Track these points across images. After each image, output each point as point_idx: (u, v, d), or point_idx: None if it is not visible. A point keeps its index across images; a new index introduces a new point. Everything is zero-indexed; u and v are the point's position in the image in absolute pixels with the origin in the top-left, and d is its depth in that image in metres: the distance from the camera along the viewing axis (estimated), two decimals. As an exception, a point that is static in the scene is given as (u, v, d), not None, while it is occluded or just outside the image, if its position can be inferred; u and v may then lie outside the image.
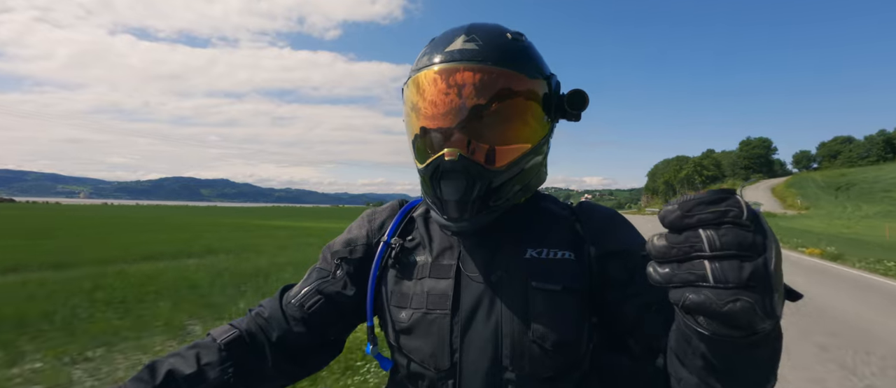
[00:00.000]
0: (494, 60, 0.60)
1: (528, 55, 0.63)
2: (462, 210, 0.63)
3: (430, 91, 0.61)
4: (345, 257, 0.73)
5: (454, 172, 0.60)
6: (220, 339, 0.66)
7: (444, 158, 0.60)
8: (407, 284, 0.67)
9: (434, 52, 0.62)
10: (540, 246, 0.65)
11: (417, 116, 0.63)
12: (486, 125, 0.60)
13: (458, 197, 0.62)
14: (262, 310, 0.72)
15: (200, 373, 0.62)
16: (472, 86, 0.59)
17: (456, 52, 0.61)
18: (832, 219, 36.37)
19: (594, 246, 0.65)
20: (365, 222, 0.76)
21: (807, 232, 20.98)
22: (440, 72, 0.60)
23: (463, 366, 0.61)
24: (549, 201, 0.73)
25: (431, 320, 0.63)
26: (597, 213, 0.69)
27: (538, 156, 0.66)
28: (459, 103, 0.59)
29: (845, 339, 4.43)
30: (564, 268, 0.63)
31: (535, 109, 0.63)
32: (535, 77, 0.62)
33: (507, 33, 0.64)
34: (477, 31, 0.63)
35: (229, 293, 5.76)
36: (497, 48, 0.61)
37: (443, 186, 0.62)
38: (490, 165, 0.61)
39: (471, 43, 0.61)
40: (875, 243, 16.23)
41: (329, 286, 0.71)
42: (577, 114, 0.66)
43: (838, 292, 6.97)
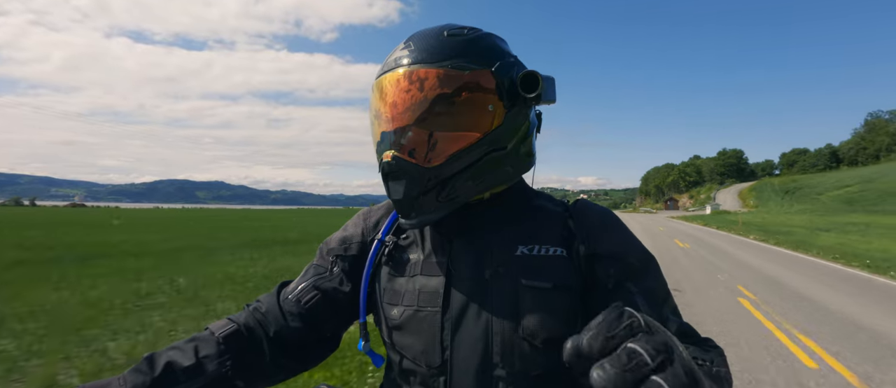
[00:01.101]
0: (421, 61, 0.61)
1: (463, 49, 0.62)
2: (408, 208, 0.64)
3: (372, 99, 0.65)
4: (340, 254, 0.74)
5: (393, 173, 0.62)
6: (218, 333, 0.66)
7: (383, 160, 0.63)
8: (400, 281, 0.68)
9: (383, 65, 0.65)
10: (531, 243, 0.66)
11: (371, 126, 0.67)
12: (420, 124, 0.61)
13: (400, 196, 0.63)
14: (260, 305, 0.72)
15: (199, 366, 0.62)
16: (400, 89, 0.61)
17: (392, 60, 0.63)
18: (771, 214, 50.99)
19: (584, 245, 0.65)
20: (360, 220, 0.78)
21: (746, 223, 34.30)
22: (379, 82, 0.64)
23: (454, 363, 0.62)
24: (544, 198, 0.74)
25: (422, 318, 0.64)
26: (591, 211, 0.70)
27: (494, 147, 0.64)
28: (394, 108, 0.62)
29: (732, 265, 10.07)
30: (556, 265, 0.64)
31: (475, 100, 0.62)
32: (469, 69, 0.61)
33: (445, 32, 0.64)
34: (414, 37, 0.64)
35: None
36: (427, 49, 0.62)
37: (389, 187, 0.64)
38: (427, 163, 0.61)
39: (405, 49, 0.63)
40: (776, 227, 29.81)
41: (325, 283, 0.72)
42: (531, 97, 0.63)
43: (741, 250, 13.67)
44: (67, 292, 6.33)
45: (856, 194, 62.03)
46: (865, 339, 4.55)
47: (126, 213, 53.86)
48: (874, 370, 3.69)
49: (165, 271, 8.23)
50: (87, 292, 6.33)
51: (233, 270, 8.57)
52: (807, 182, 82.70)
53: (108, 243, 13.94)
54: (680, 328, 0.60)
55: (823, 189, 71.90)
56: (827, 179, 79.89)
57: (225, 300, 5.93)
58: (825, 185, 74.97)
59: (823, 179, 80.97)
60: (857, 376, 3.58)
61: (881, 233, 20.25)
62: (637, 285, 0.62)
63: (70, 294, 6.22)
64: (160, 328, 4.66)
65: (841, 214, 45.34)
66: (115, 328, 4.57)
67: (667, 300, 0.63)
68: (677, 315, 0.62)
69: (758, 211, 61.41)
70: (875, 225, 25.38)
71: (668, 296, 0.64)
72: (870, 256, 11.71)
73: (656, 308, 0.61)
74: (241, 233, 19.31)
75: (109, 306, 5.47)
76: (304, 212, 66.58)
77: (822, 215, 44.63)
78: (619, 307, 0.36)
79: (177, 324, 4.80)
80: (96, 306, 5.46)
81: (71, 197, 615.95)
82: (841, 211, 51.11)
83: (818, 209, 56.13)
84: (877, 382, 3.48)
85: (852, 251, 12.89)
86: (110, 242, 14.25)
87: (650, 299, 0.61)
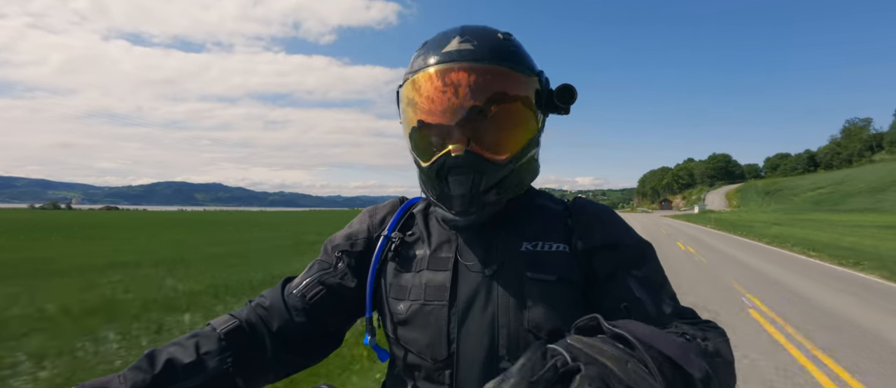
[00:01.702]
0: (490, 59, 0.62)
1: (519, 53, 0.65)
2: (470, 204, 0.64)
3: (429, 91, 0.62)
4: (346, 250, 0.74)
5: (461, 167, 0.62)
6: (219, 329, 0.66)
7: (451, 154, 0.61)
8: (406, 276, 0.69)
9: (430, 54, 0.64)
10: (535, 240, 0.67)
11: (416, 115, 0.65)
12: (484, 121, 0.62)
13: (465, 191, 0.63)
14: (263, 300, 0.73)
15: (199, 362, 0.62)
16: (470, 84, 0.61)
17: (454, 52, 0.62)
18: (748, 213, 59.02)
19: (581, 240, 0.67)
20: (366, 217, 0.79)
21: (718, 220, 40.63)
22: (438, 72, 0.62)
23: (460, 356, 0.62)
24: (545, 197, 0.76)
25: (429, 312, 0.65)
26: (588, 208, 0.72)
27: (533, 149, 0.68)
28: (458, 102, 0.61)
29: (686, 238, 18.77)
30: (559, 260, 0.65)
31: (529, 105, 0.65)
32: (527, 74, 0.64)
33: (498, 34, 0.66)
34: (470, 32, 0.65)
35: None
36: (491, 48, 0.63)
37: (450, 182, 0.63)
38: (493, 158, 0.62)
39: (466, 44, 0.63)
40: (743, 222, 35.88)
41: (330, 278, 0.73)
42: (566, 108, 0.68)
43: (700, 233, 22.47)
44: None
45: (824, 195, 70.59)
46: (766, 280, 7.64)
47: (147, 216, 53.49)
48: (766, 293, 6.49)
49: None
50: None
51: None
52: (786, 184, 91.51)
53: (234, 241, 15.87)
54: (676, 311, 0.62)
55: (799, 191, 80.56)
56: (804, 182, 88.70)
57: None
58: (801, 187, 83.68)
59: (801, 182, 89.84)
60: (758, 297, 6.05)
61: (826, 226, 25.49)
62: (632, 273, 0.64)
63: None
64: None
65: (807, 212, 53.54)
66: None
67: (664, 286, 0.65)
68: (674, 300, 0.64)
69: (739, 210, 69.89)
70: (827, 221, 32.61)
71: (665, 282, 0.66)
72: (798, 240, 15.79)
73: (652, 294, 0.62)
74: (299, 233, 21.00)
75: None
76: (344, 213, 68.82)
77: (790, 213, 52.83)
78: (542, 346, 0.35)
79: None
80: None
81: (68, 199, 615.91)
82: (808, 210, 59.49)
83: (790, 209, 64.57)
84: (770, 301, 5.78)
85: (790, 238, 16.98)
86: (234, 240, 16.25)
87: (646, 285, 0.63)
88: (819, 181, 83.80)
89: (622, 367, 0.37)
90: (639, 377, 0.37)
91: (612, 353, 0.39)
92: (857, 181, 71.21)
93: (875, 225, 26.16)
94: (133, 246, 14.95)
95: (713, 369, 0.46)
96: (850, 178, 77.45)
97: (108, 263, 10.08)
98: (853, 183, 70.93)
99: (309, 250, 12.05)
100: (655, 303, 0.61)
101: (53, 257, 11.46)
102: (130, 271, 8.83)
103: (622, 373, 0.36)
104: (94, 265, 9.66)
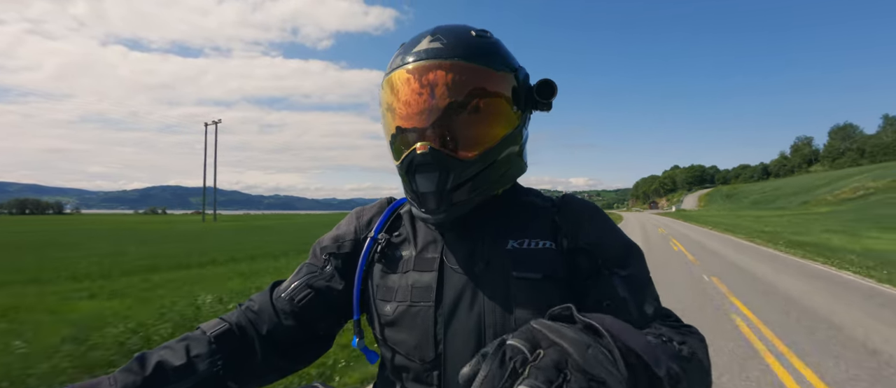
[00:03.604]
0: (458, 56, 0.62)
1: (492, 50, 0.65)
2: (438, 202, 0.64)
3: (401, 90, 0.63)
4: (333, 252, 0.74)
5: (427, 165, 0.62)
6: (209, 332, 0.66)
7: (417, 152, 0.62)
8: (392, 278, 0.69)
9: (403, 55, 0.65)
10: (521, 238, 0.67)
11: (392, 116, 0.65)
12: (456, 118, 0.62)
13: (433, 189, 0.63)
14: (252, 304, 0.72)
15: (190, 365, 0.62)
16: (438, 81, 0.61)
17: (422, 51, 0.63)
18: (709, 211, 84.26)
19: (567, 238, 0.67)
20: (353, 218, 0.78)
21: (682, 215, 65.84)
22: (409, 71, 0.62)
23: (447, 357, 0.62)
24: (533, 194, 0.75)
25: (415, 313, 0.65)
26: (575, 205, 0.72)
27: (512, 146, 0.67)
28: (429, 100, 0.61)
29: (654, 222, 37.52)
30: (545, 257, 0.65)
31: (503, 101, 0.64)
32: (501, 70, 0.64)
33: (472, 31, 0.66)
34: (442, 31, 0.65)
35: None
36: (461, 45, 0.63)
37: (418, 180, 0.64)
38: (461, 156, 0.62)
39: (436, 42, 0.63)
40: (698, 216, 63.01)
41: (318, 281, 0.72)
42: (546, 103, 0.68)
43: (665, 220, 45.94)
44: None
45: (763, 197, 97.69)
46: (690, 241, 16.48)
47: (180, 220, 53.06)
48: (689, 245, 14.56)
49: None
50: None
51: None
52: (742, 189, 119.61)
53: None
54: (657, 312, 0.62)
55: (748, 194, 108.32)
56: (754, 188, 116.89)
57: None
58: (751, 191, 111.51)
59: (752, 187, 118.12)
60: (688, 251, 12.48)
61: (747, 217, 39.86)
62: (617, 272, 0.64)
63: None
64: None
65: (746, 209, 79.90)
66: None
67: (647, 287, 0.65)
68: (657, 302, 0.64)
69: (702, 209, 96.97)
70: (751, 215, 49.69)
71: (649, 283, 0.66)
72: (724, 225, 26.69)
73: (635, 295, 0.63)
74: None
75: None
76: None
77: (735, 210, 78.86)
78: (502, 344, 0.37)
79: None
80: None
81: (64, 205, 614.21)
82: (748, 208, 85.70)
83: (736, 207, 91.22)
84: (688, 247, 13.67)
85: (719, 223, 28.90)
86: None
87: (630, 285, 0.63)
88: (765, 187, 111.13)
89: (582, 351, 0.38)
90: (597, 362, 0.37)
91: (573, 337, 0.39)
92: (788, 187, 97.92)
93: (774, 216, 45.33)
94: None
95: (685, 371, 0.45)
96: (786, 184, 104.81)
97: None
98: (785, 189, 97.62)
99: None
100: (638, 303, 0.62)
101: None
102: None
103: (580, 357, 0.37)
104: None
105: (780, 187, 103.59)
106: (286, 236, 21.16)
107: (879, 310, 5.61)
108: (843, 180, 78.10)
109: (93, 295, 6.34)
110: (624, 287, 0.63)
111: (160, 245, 16.63)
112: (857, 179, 73.16)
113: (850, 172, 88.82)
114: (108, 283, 7.55)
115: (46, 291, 6.76)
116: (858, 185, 67.48)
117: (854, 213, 38.52)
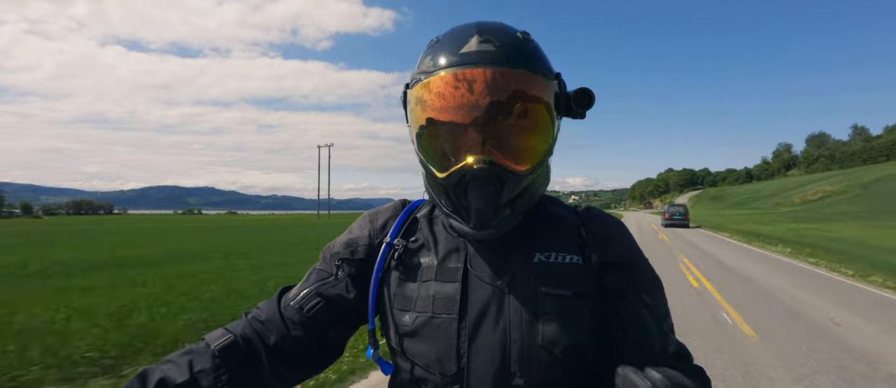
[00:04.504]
0: (513, 62, 0.58)
1: (539, 55, 0.62)
2: (489, 216, 0.61)
3: (446, 92, 0.58)
4: (346, 258, 0.72)
5: (483, 179, 0.59)
6: (214, 345, 0.64)
7: (473, 166, 0.58)
8: (411, 286, 0.66)
9: (446, 54, 0.60)
10: (548, 250, 0.65)
11: (436, 119, 0.60)
12: (505, 128, 0.59)
13: (486, 204, 0.60)
14: (259, 313, 0.71)
15: (193, 381, 0.60)
16: (494, 87, 0.57)
17: (473, 53, 0.58)
18: (696, 210, 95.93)
19: (596, 254, 0.65)
20: (367, 222, 0.76)
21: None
22: (457, 74, 0.58)
23: (470, 372, 0.60)
24: (557, 204, 0.74)
25: (438, 325, 0.62)
26: (603, 220, 0.70)
27: (550, 156, 0.66)
28: (482, 106, 0.57)
29: (657, 223, 35.57)
30: (574, 273, 0.64)
31: (549, 110, 0.62)
32: (547, 77, 0.62)
33: (517, 33, 0.63)
34: (489, 31, 0.61)
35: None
36: (514, 48, 0.60)
37: (470, 194, 0.60)
38: (515, 168, 0.60)
39: (487, 44, 0.59)
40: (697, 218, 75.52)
41: (329, 288, 0.70)
42: (583, 112, 0.65)
43: (654, 217, 65.17)
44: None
45: (743, 199, 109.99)
46: (673, 234, 22.03)
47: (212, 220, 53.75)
48: (671, 235, 19.83)
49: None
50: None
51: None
52: (727, 192, 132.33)
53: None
54: (678, 351, 0.62)
55: (732, 196, 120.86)
56: (738, 190, 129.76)
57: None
58: (735, 193, 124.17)
59: (736, 190, 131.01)
60: (667, 238, 18.41)
61: (726, 216, 43.22)
62: (643, 299, 0.64)
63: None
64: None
65: (729, 209, 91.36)
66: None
67: (666, 319, 0.65)
68: (673, 333, 0.64)
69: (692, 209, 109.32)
70: (730, 214, 52.84)
71: (667, 315, 0.66)
72: (704, 221, 33.44)
73: (658, 324, 0.62)
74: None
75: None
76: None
77: (718, 209, 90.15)
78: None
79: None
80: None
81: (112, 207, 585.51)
82: (730, 208, 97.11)
83: (720, 207, 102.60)
84: (671, 238, 18.93)
85: (702, 222, 32.50)
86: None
87: (653, 314, 0.63)
88: (747, 190, 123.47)
89: None
90: None
91: None
92: (766, 190, 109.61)
93: (745, 214, 57.34)
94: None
95: None
96: (764, 187, 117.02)
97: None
98: (763, 191, 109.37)
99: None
100: (661, 340, 0.62)
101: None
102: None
103: None
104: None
105: (759, 190, 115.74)
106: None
107: (762, 261, 11.24)
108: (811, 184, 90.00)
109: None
110: (650, 318, 0.63)
111: (322, 230, 21.75)
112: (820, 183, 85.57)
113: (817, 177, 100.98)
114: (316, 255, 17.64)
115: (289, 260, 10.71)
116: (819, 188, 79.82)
117: (809, 212, 47.93)
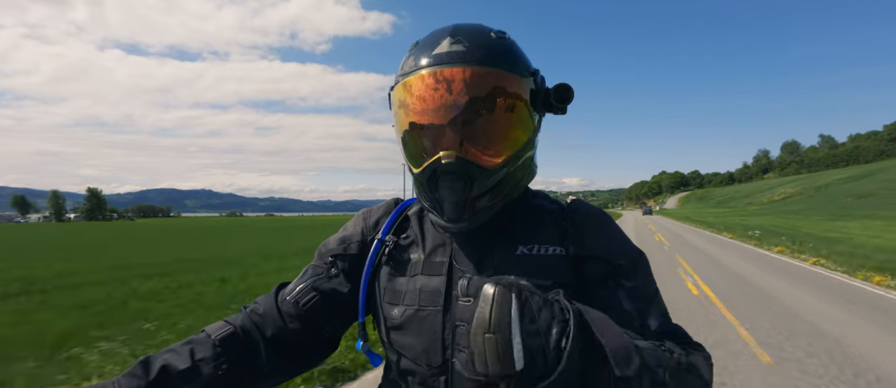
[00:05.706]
0: (482, 60, 0.60)
1: (513, 53, 0.64)
2: (461, 210, 0.63)
3: (420, 92, 0.61)
4: (339, 254, 0.74)
5: (452, 174, 0.61)
6: (214, 335, 0.66)
7: (441, 161, 0.60)
8: (400, 281, 0.68)
9: (421, 55, 0.63)
10: (531, 242, 0.67)
11: (408, 117, 0.63)
12: (478, 124, 0.60)
13: (457, 198, 0.62)
14: (257, 307, 0.73)
15: (194, 369, 0.62)
16: (463, 85, 0.59)
17: (444, 54, 0.61)
18: (684, 209, 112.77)
19: (574, 245, 0.67)
20: (360, 219, 0.78)
21: (666, 212, 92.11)
22: (430, 74, 0.60)
23: (455, 363, 0.61)
24: (541, 197, 0.75)
25: (424, 317, 0.64)
26: (583, 212, 0.71)
27: (529, 152, 0.67)
28: (451, 103, 0.59)
29: (650, 219, 51.76)
30: (555, 263, 0.65)
31: (524, 106, 0.63)
32: (521, 74, 0.63)
33: (491, 33, 0.65)
34: (462, 32, 0.63)
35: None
36: (484, 48, 0.61)
37: (441, 188, 0.62)
38: (486, 164, 0.61)
39: (458, 44, 0.61)
40: (672, 213, 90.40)
41: (324, 283, 0.72)
42: (563, 108, 0.66)
43: (658, 218, 62.13)
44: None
45: (724, 199, 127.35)
46: (660, 225, 33.75)
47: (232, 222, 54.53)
48: (660, 227, 29.40)
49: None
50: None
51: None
52: (712, 193, 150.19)
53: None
54: (663, 327, 0.62)
55: (716, 197, 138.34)
56: (721, 191, 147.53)
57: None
58: (719, 194, 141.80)
59: (720, 191, 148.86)
60: (655, 228, 27.94)
61: (708, 214, 53.57)
62: (622, 284, 0.64)
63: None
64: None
65: (711, 208, 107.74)
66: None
67: (653, 299, 0.65)
68: (664, 316, 0.64)
69: (680, 208, 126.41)
70: (712, 212, 68.66)
71: (655, 296, 0.66)
72: (685, 216, 51.30)
73: (640, 308, 0.63)
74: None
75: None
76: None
77: (702, 209, 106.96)
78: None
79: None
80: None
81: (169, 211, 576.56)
82: (712, 207, 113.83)
83: (704, 206, 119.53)
84: (660, 228, 27.62)
85: (685, 218, 45.05)
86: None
87: (635, 298, 0.64)
88: (728, 191, 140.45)
89: (539, 300, 0.43)
90: (545, 307, 0.43)
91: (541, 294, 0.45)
92: (743, 191, 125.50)
93: (721, 212, 72.63)
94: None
95: (680, 381, 0.47)
96: (743, 189, 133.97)
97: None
98: (741, 192, 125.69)
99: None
100: (642, 317, 0.62)
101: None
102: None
103: (537, 303, 0.42)
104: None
105: (738, 191, 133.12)
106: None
107: (710, 239, 19.31)
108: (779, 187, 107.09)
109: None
110: (629, 300, 0.63)
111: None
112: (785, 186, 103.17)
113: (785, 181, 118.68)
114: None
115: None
116: (783, 190, 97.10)
117: (770, 209, 59.56)
